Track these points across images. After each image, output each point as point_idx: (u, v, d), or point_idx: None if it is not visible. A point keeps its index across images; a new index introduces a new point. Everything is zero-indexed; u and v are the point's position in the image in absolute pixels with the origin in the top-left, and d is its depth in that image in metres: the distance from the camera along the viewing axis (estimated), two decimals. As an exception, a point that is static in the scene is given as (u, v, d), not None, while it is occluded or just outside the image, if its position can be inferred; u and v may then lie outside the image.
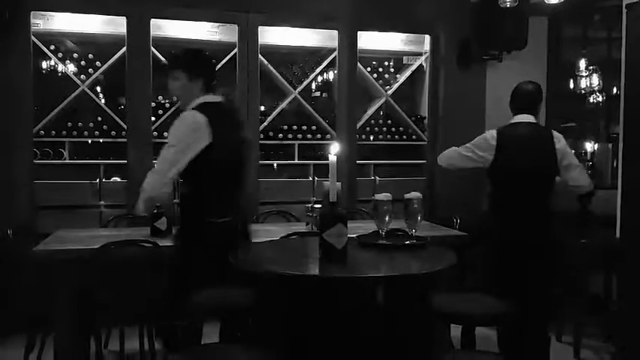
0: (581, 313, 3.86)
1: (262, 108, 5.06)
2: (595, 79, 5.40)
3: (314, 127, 5.15)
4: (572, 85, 5.63)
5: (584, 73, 5.45)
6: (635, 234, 3.19)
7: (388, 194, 2.57)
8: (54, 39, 4.68)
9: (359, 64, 5.18)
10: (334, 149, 2.27)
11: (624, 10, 3.27)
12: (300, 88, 5.11)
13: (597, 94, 5.52)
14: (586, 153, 5.20)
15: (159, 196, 2.80)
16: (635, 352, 3.13)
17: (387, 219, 2.54)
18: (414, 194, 2.59)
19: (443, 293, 2.80)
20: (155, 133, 4.73)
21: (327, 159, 2.26)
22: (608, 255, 3.74)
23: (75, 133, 4.62)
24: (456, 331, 3.25)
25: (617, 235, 3.50)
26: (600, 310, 3.97)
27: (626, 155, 3.28)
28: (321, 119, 5.15)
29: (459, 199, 5.05)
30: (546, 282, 3.38)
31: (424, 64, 5.46)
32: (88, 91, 4.64)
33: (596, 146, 5.22)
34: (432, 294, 2.51)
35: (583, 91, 5.51)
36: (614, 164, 4.87)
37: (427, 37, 5.41)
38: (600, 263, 3.90)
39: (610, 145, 5.14)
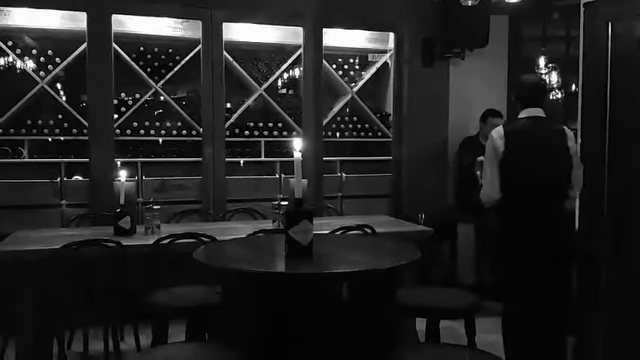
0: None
1: (228, 105, 5.03)
2: (554, 77, 5.52)
3: (280, 125, 5.15)
4: (532, 82, 5.73)
5: (543, 71, 5.57)
6: (593, 228, 3.27)
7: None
8: (12, 35, 4.57)
9: (324, 61, 5.19)
10: (298, 146, 2.28)
11: (582, 9, 3.34)
12: (265, 85, 5.09)
13: (557, 90, 5.65)
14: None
15: None
16: (595, 345, 3.23)
17: None
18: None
19: (408, 287, 2.85)
20: (118, 131, 4.66)
21: (293, 156, 2.27)
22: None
23: (34, 130, 4.52)
24: (420, 324, 3.29)
25: (577, 229, 3.58)
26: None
27: (583, 151, 3.36)
28: (287, 116, 5.15)
29: (425, 194, 5.12)
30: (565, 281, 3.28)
31: (389, 61, 5.51)
32: (48, 88, 4.54)
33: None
34: (398, 288, 2.54)
35: (543, 88, 5.63)
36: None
37: (391, 35, 5.45)
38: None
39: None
